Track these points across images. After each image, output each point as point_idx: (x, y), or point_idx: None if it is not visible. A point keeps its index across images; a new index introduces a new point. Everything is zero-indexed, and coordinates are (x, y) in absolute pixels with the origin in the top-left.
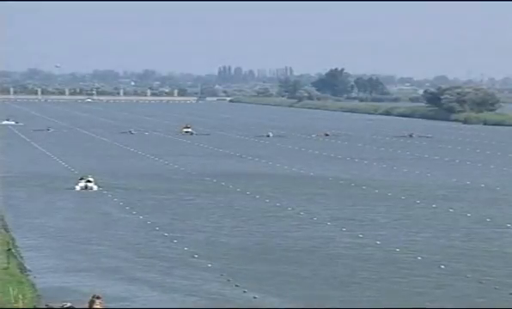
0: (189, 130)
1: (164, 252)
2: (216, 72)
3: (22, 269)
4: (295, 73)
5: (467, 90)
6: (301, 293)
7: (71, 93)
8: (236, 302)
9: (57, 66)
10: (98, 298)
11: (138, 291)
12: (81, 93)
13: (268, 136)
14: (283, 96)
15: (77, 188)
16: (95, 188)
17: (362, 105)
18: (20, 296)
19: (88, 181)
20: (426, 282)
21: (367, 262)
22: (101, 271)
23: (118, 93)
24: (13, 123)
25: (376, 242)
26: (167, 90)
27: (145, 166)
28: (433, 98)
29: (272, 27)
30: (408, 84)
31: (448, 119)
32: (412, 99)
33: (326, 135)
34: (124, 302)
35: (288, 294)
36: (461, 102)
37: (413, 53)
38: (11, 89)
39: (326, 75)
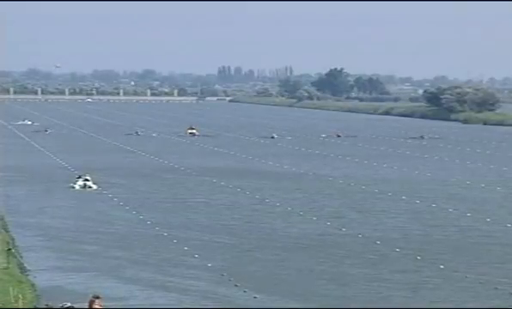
0: (193, 131)
1: (164, 252)
2: (216, 72)
3: (22, 269)
4: (295, 73)
5: (467, 90)
6: (301, 292)
7: (71, 93)
8: (236, 302)
9: (57, 66)
10: (97, 298)
11: (138, 290)
12: (81, 93)
13: (272, 137)
14: (283, 96)
15: (76, 187)
16: (94, 187)
17: (362, 105)
18: (20, 296)
19: (86, 180)
20: (426, 283)
21: (369, 261)
22: (101, 271)
23: (118, 93)
24: (29, 123)
25: (376, 242)
26: (166, 90)
27: (146, 166)
28: (433, 98)
29: (272, 27)
30: (408, 84)
31: (447, 119)
32: (412, 99)
33: (338, 136)
34: (124, 302)
35: (288, 294)
36: (461, 102)
37: (413, 53)
38: (11, 89)
39: (326, 75)
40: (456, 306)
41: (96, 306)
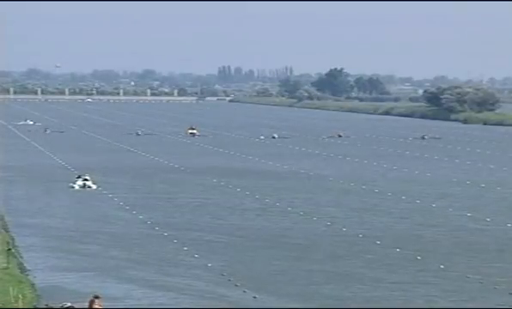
0: (194, 131)
1: (164, 252)
2: (216, 72)
3: (22, 269)
4: (295, 73)
5: (467, 90)
6: (301, 292)
7: (71, 93)
8: (236, 302)
9: (57, 66)
10: (97, 297)
11: (138, 290)
12: (81, 93)
13: (273, 137)
14: (283, 96)
15: (76, 186)
16: (94, 186)
17: (362, 105)
18: (20, 296)
19: (86, 179)
20: (426, 282)
21: (369, 261)
22: (101, 271)
23: (118, 93)
24: (31, 123)
25: (377, 242)
26: (166, 90)
27: (146, 166)
28: (433, 98)
29: (272, 27)
30: (408, 84)
31: (447, 119)
32: (412, 99)
33: (340, 136)
34: (124, 302)
35: (288, 294)
36: (461, 102)
37: (413, 53)
38: (11, 89)
39: (326, 75)
40: (456, 306)
41: (96, 306)
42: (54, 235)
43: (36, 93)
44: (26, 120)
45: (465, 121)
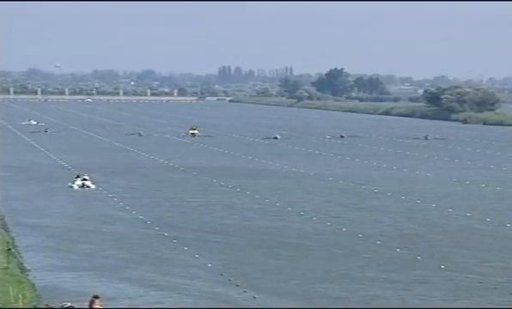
0: (195, 131)
1: (164, 252)
2: (216, 72)
3: (22, 269)
4: (295, 73)
5: (467, 90)
6: (301, 292)
7: (71, 93)
8: (236, 302)
9: (57, 66)
10: (97, 297)
11: (137, 290)
12: (81, 93)
13: (275, 137)
14: (283, 96)
15: (75, 186)
16: (93, 186)
17: (362, 105)
18: (20, 296)
19: (84, 179)
20: (426, 283)
21: (369, 261)
22: (101, 271)
23: (118, 93)
24: (34, 123)
25: (377, 242)
26: (166, 90)
27: (146, 165)
28: (433, 98)
29: (272, 27)
30: (408, 84)
31: (447, 119)
32: (412, 99)
33: (342, 136)
34: (124, 302)
35: (287, 294)
36: (461, 102)
37: (413, 53)
38: (11, 89)
39: (326, 75)
40: (456, 306)
41: (96, 306)
42: (54, 235)
43: (36, 93)
44: (29, 120)
45: (465, 121)
